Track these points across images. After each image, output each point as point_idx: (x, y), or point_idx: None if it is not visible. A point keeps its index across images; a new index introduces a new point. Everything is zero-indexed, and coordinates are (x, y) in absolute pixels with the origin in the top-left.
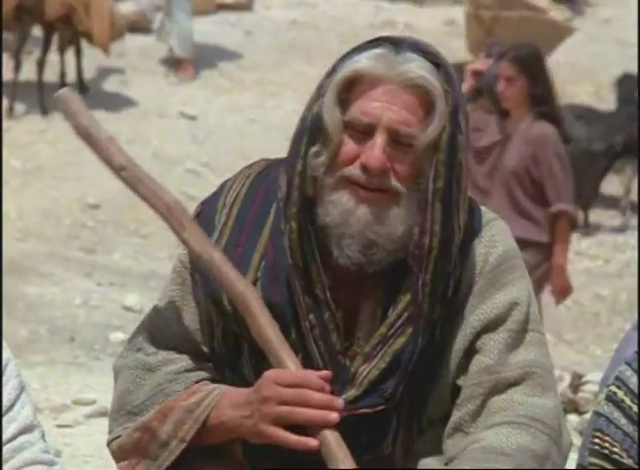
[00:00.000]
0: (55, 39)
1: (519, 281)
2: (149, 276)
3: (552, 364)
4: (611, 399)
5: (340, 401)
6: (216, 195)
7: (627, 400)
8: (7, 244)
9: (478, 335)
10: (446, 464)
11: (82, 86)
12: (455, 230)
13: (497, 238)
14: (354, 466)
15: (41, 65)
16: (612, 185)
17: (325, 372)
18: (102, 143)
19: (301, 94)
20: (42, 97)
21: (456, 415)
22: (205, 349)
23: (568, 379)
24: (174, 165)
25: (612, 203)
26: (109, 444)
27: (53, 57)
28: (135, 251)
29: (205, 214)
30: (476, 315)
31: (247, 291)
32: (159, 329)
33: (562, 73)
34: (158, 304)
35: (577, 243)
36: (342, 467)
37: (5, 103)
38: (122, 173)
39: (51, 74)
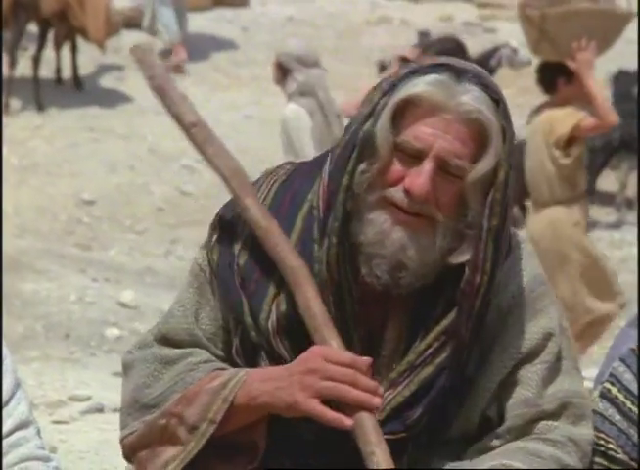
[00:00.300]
0: (51, 35)
1: (551, 308)
2: (144, 272)
3: (585, 389)
4: (605, 395)
5: (381, 389)
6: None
7: (621, 397)
8: (4, 240)
9: (514, 367)
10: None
11: (78, 82)
12: (500, 264)
13: (525, 263)
14: (387, 451)
15: (37, 61)
16: (608, 181)
17: (368, 359)
18: (175, 98)
19: None
20: (38, 93)
21: (492, 443)
22: (221, 353)
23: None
24: (170, 161)
25: (608, 199)
26: (123, 439)
27: (49, 53)
28: (130, 247)
29: (227, 219)
30: (513, 347)
31: (300, 266)
32: (173, 331)
33: None
34: (173, 306)
35: None
36: (376, 450)
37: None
38: (192, 130)
39: (47, 71)
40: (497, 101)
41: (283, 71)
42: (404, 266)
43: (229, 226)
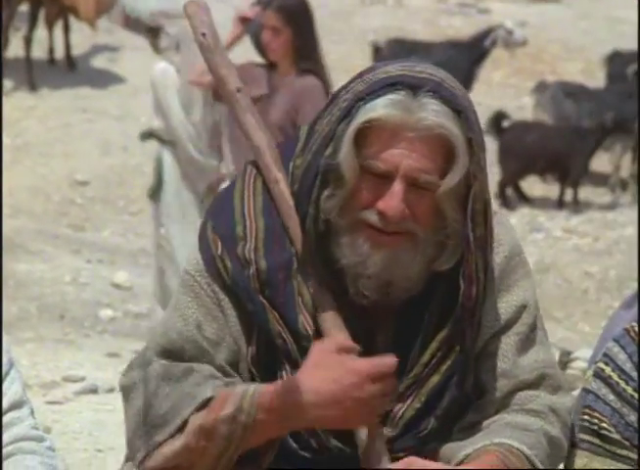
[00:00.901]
0: (42, 15)
1: (524, 280)
2: (138, 253)
3: (555, 359)
4: (599, 375)
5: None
6: (223, 206)
7: (615, 377)
8: None
9: (489, 340)
10: (465, 439)
11: (71, 62)
12: (490, 266)
13: (500, 236)
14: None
15: (28, 41)
16: (601, 162)
17: (392, 359)
18: (223, 61)
19: None
20: (30, 73)
21: (474, 417)
22: (224, 364)
23: (556, 356)
24: None
25: (601, 180)
26: (140, 464)
27: (42, 33)
28: (124, 228)
29: (221, 226)
30: (488, 321)
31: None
32: (175, 342)
33: (552, 50)
34: (170, 319)
35: (566, 220)
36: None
37: None
38: (237, 96)
39: (39, 51)
40: (459, 112)
41: (153, 33)
42: (391, 283)
43: (232, 233)
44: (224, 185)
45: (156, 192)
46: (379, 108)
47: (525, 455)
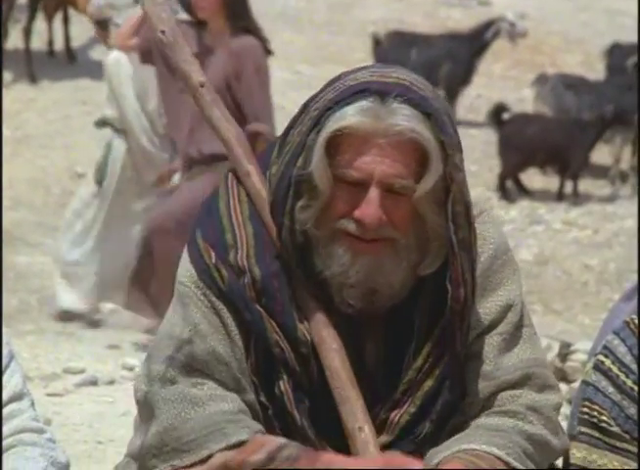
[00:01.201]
0: (42, 7)
1: (509, 279)
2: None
3: (544, 356)
4: (598, 368)
5: None
6: (210, 214)
7: (615, 369)
8: None
9: (472, 341)
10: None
11: (70, 54)
12: (475, 267)
13: (485, 234)
14: (374, 431)
15: (28, 32)
16: (601, 155)
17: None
18: (185, 56)
19: (291, 63)
20: (30, 65)
21: (457, 419)
22: (240, 374)
23: (556, 348)
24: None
25: (601, 172)
26: None
27: (41, 25)
28: None
29: (210, 235)
30: (471, 322)
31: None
32: (196, 355)
33: (551, 42)
34: (183, 332)
35: (566, 212)
36: (365, 426)
37: None
38: (200, 91)
39: (39, 43)
40: (429, 114)
41: (102, 26)
42: (375, 290)
43: (222, 241)
44: (176, 177)
45: (101, 177)
46: (348, 116)
47: (495, 456)
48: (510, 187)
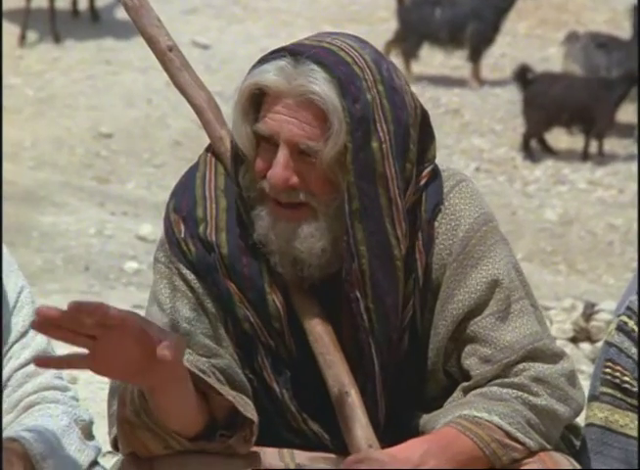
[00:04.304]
0: None
1: (493, 251)
2: (162, 206)
3: (545, 324)
4: (621, 328)
5: None
6: (185, 186)
7: (638, 330)
8: (21, 173)
9: (462, 322)
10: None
11: (94, 14)
12: (392, 244)
13: (462, 207)
14: (359, 395)
15: None
16: (627, 113)
17: None
18: (151, 20)
19: (314, 22)
20: (54, 25)
21: (461, 396)
22: (209, 340)
23: (580, 308)
24: None
25: (627, 131)
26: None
27: None
28: (148, 180)
29: (182, 207)
30: (454, 303)
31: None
32: (197, 339)
33: (577, 0)
34: (164, 312)
35: (591, 172)
36: (351, 391)
37: (17, 31)
38: (169, 55)
39: (63, 2)
40: (339, 79)
41: None
42: (299, 259)
43: (193, 214)
44: None
45: None
46: (263, 73)
47: (496, 425)
48: (534, 147)
